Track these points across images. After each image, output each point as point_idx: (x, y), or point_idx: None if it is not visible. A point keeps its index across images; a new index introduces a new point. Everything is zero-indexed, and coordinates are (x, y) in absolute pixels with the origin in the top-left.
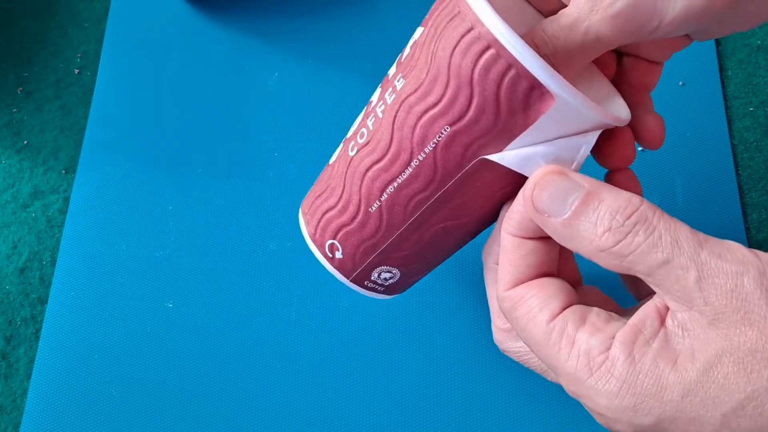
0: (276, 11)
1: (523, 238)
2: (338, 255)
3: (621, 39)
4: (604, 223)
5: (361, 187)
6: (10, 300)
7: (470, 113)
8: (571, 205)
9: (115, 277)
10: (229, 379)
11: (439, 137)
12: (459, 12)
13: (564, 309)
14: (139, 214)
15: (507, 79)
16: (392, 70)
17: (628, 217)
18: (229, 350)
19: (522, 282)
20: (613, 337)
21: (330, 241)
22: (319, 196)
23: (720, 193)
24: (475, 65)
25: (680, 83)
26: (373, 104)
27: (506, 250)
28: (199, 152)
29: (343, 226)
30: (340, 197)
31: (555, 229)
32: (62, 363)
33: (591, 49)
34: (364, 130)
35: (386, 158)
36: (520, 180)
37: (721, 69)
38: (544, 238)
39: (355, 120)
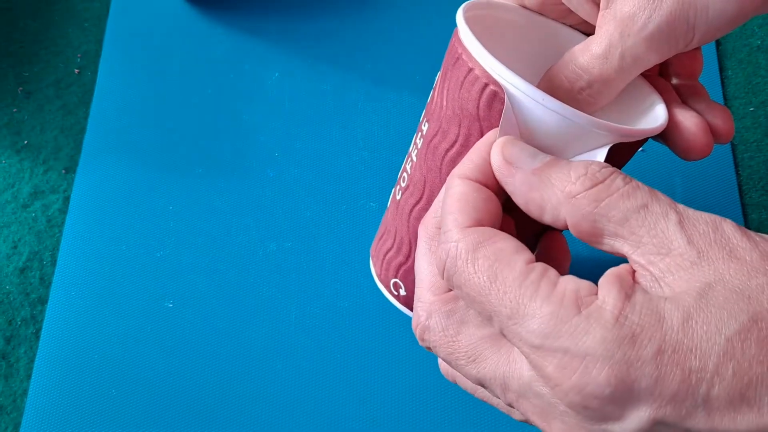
0: (276, 11)
1: (481, 183)
2: (402, 292)
3: (659, 57)
4: (579, 170)
5: (408, 227)
6: (10, 300)
7: None
8: (542, 159)
9: (115, 276)
10: (229, 378)
11: None
12: (460, 55)
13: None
14: (139, 214)
15: (495, 103)
16: (422, 116)
17: (604, 167)
18: (229, 350)
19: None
20: (599, 284)
21: (393, 280)
22: (380, 239)
23: (720, 193)
24: (478, 102)
25: None
26: (410, 149)
27: (463, 192)
28: (199, 152)
29: (401, 265)
30: (395, 238)
31: (522, 178)
32: (62, 363)
33: (629, 72)
34: (405, 174)
35: (423, 199)
36: None
37: (721, 69)
38: (498, 194)
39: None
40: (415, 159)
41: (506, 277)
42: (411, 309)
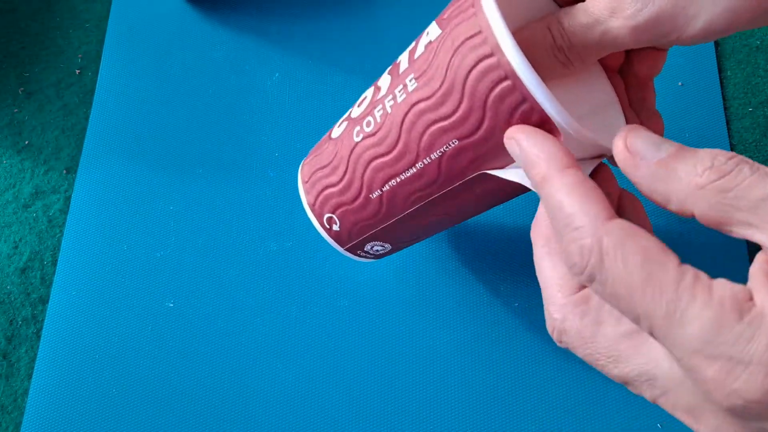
0: (276, 11)
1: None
2: (335, 228)
3: (636, 44)
4: (705, 163)
5: (364, 174)
6: (11, 300)
7: (479, 133)
8: (667, 150)
9: (115, 276)
10: (230, 378)
11: (446, 148)
12: (480, 32)
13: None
14: (140, 214)
15: (520, 110)
16: (403, 63)
17: (730, 158)
18: (230, 350)
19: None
20: (750, 288)
21: (329, 215)
22: (320, 169)
23: None
24: (490, 91)
25: (679, 84)
26: (381, 94)
27: (582, 182)
28: (199, 152)
29: (342, 204)
30: (342, 178)
31: (647, 170)
32: (63, 363)
33: (605, 48)
34: (370, 119)
35: (391, 155)
36: (519, 189)
37: (720, 69)
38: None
39: (361, 95)
40: (389, 110)
41: (661, 277)
42: (339, 244)
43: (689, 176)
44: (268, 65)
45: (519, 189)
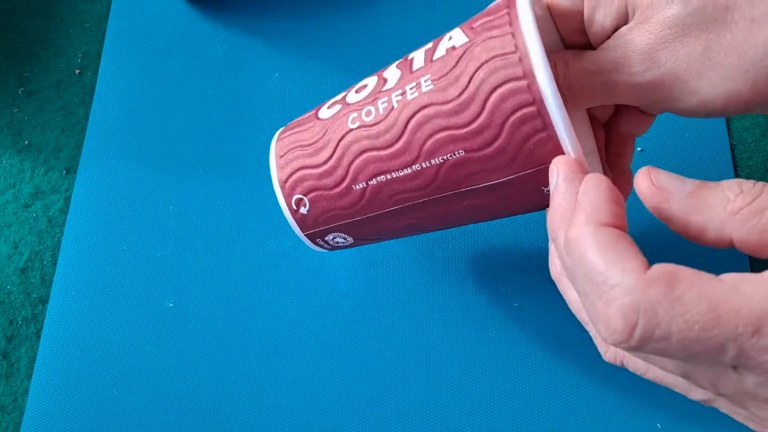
0: (276, 11)
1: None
2: (303, 210)
3: (631, 102)
4: (734, 189)
5: (352, 163)
6: (11, 300)
7: (489, 150)
8: (692, 183)
9: (115, 276)
10: (230, 378)
11: (450, 156)
12: (515, 52)
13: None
14: (140, 214)
15: (537, 137)
16: (418, 61)
17: (754, 184)
18: (230, 350)
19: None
20: None
21: (299, 196)
22: (301, 147)
23: None
24: (513, 113)
25: None
26: (388, 87)
27: (618, 239)
28: (199, 152)
29: (319, 188)
30: (326, 162)
31: (680, 203)
32: (63, 362)
33: (601, 98)
34: (371, 108)
35: (388, 151)
36: (506, 212)
37: None
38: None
39: (362, 80)
40: (396, 105)
41: (732, 300)
42: (301, 228)
43: (722, 203)
44: (268, 65)
45: (507, 212)
